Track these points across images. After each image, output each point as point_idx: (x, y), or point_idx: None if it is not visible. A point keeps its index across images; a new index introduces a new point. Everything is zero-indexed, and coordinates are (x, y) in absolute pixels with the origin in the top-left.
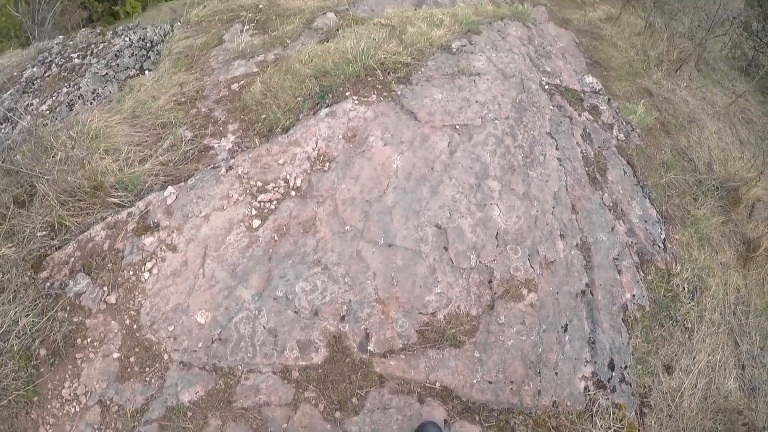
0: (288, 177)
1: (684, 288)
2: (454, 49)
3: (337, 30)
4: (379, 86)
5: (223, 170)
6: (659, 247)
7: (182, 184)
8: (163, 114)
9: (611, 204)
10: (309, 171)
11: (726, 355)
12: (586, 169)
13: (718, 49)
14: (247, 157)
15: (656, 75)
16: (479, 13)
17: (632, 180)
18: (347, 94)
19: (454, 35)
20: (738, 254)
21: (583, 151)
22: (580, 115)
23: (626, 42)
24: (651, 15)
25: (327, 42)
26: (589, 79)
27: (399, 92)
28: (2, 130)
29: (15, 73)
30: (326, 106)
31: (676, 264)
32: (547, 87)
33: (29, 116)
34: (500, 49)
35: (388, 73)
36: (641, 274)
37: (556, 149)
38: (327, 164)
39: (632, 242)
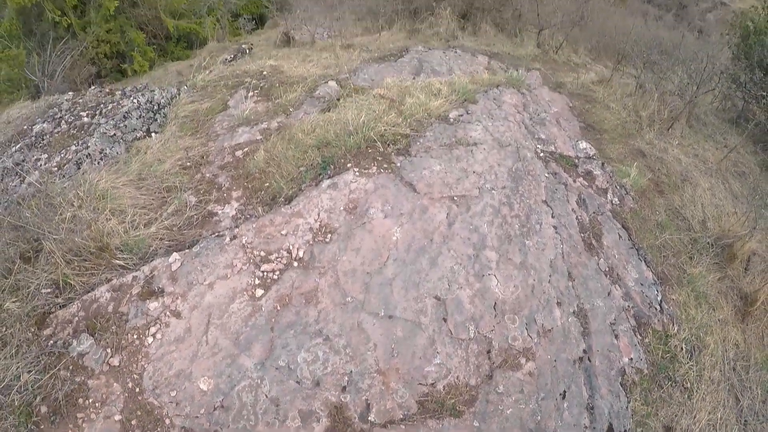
0: (291, 248)
1: (682, 348)
2: (452, 119)
3: (338, 99)
4: (380, 158)
5: (228, 239)
6: (656, 309)
7: (187, 251)
8: (169, 178)
9: (607, 269)
10: (311, 242)
11: (727, 413)
12: (582, 235)
13: (708, 102)
14: (251, 226)
15: (648, 135)
16: (475, 81)
17: (627, 243)
18: (348, 165)
19: (452, 105)
20: (736, 309)
21: (579, 217)
22: (574, 181)
23: (618, 103)
24: (641, 75)
25: (329, 111)
26: (583, 144)
27: (398, 164)
28: (10, 183)
29: (25, 127)
30: (328, 178)
31: (673, 324)
32: (542, 154)
33: (37, 171)
34: (496, 117)
35: (388, 144)
36: (638, 337)
37: (552, 217)
38: (329, 236)
39: (629, 306)
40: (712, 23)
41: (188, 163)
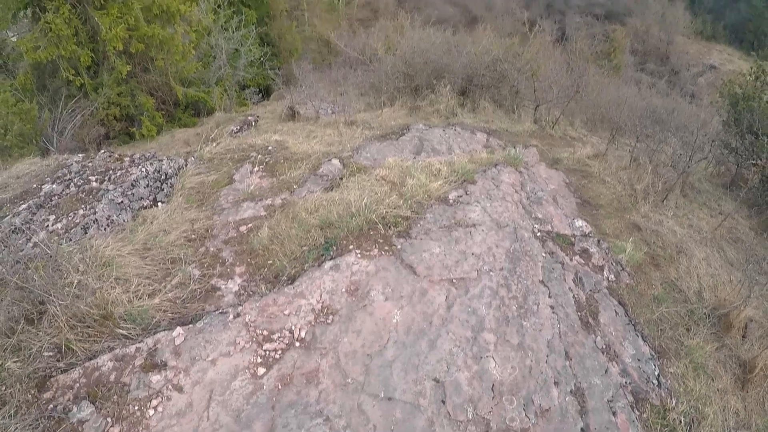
0: (293, 328)
1: (680, 421)
2: (451, 201)
3: (341, 179)
4: (381, 240)
5: (231, 316)
6: (653, 384)
7: (191, 326)
8: (174, 249)
9: (604, 346)
10: (313, 323)
11: None
12: (579, 314)
13: (702, 169)
14: (254, 305)
15: (644, 208)
16: (474, 160)
17: (624, 319)
18: (350, 247)
19: (451, 186)
20: (735, 378)
21: (576, 296)
22: (571, 260)
23: (613, 177)
24: (635, 149)
25: (332, 191)
26: (579, 222)
27: (399, 246)
28: (17, 241)
29: (34, 186)
30: (330, 259)
31: (671, 398)
32: (539, 234)
33: (44, 232)
34: (494, 198)
35: (389, 226)
36: (636, 413)
37: (549, 297)
38: (330, 317)
39: (626, 382)
40: (704, 87)
41: (193, 236)
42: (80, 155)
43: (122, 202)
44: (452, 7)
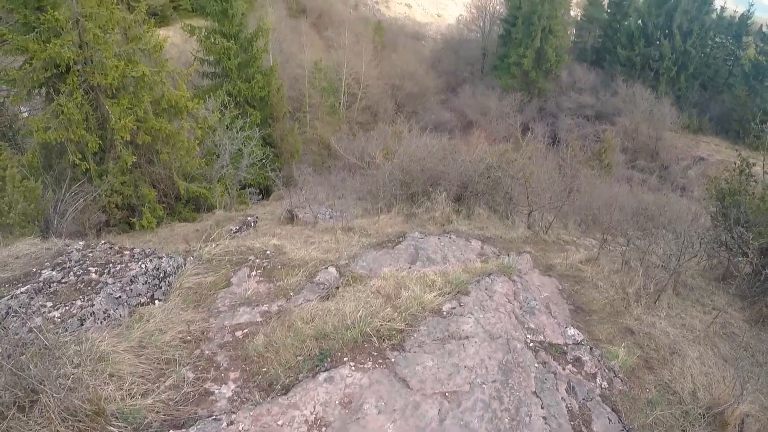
0: None
1: None
2: (445, 312)
3: (337, 288)
4: (375, 353)
5: (225, 424)
6: None
7: (183, 430)
8: (168, 350)
9: None
10: None
11: None
12: (572, 423)
13: (694, 265)
14: (248, 414)
15: (636, 311)
16: (468, 270)
17: (618, 426)
18: (345, 359)
19: (445, 297)
20: None
21: (568, 405)
22: (563, 369)
23: (606, 281)
24: (626, 252)
25: (328, 300)
26: (571, 331)
27: (393, 359)
28: (12, 324)
29: (33, 269)
30: (325, 371)
31: None
32: (531, 344)
33: (40, 318)
34: (487, 309)
35: (384, 339)
36: None
37: (542, 408)
38: (324, 429)
39: None
40: (694, 179)
41: (188, 337)
42: (81, 243)
43: (120, 297)
44: (449, 112)
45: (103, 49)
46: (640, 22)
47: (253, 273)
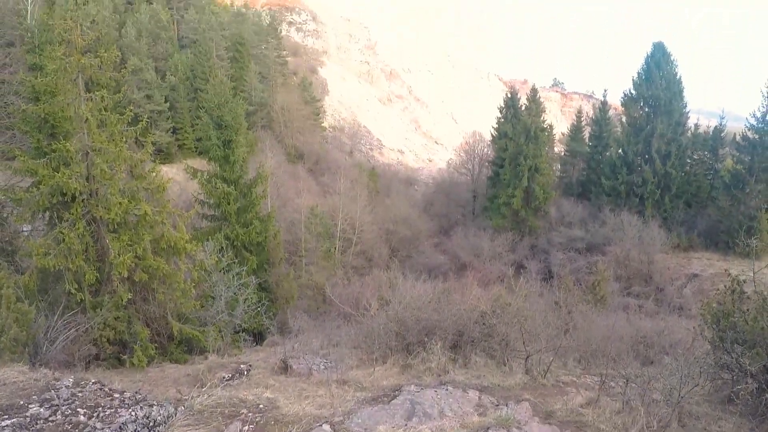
0: None
1: None
2: None
3: None
4: None
5: None
6: None
7: None
8: None
9: None
10: None
11: None
12: None
13: (699, 390)
14: None
15: None
16: (465, 425)
17: None
18: None
19: None
20: None
21: None
22: None
23: (608, 423)
24: (626, 392)
25: None
26: None
27: None
28: None
29: (20, 402)
30: None
31: None
32: None
33: None
34: None
35: None
36: None
37: None
38: None
39: None
40: (690, 297)
41: None
42: (71, 380)
43: None
44: (442, 255)
45: (109, 185)
46: (620, 151)
47: (246, 428)
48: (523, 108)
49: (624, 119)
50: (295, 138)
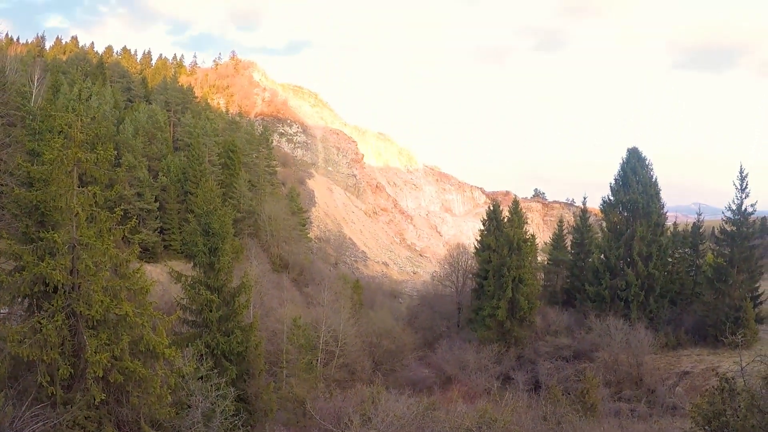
0: None
1: None
2: None
3: None
4: None
5: None
6: None
7: None
8: None
9: None
10: None
11: None
12: None
13: None
14: None
15: None
16: None
17: None
18: None
19: None
20: None
21: None
22: None
23: None
24: None
25: None
26: None
27: None
28: None
29: None
30: None
31: None
32: None
33: None
34: None
35: None
36: None
37: None
38: None
39: None
40: (682, 395)
41: None
42: None
43: None
44: (427, 368)
45: (93, 281)
46: (602, 256)
47: None
48: (505, 220)
49: (604, 225)
50: (281, 247)
